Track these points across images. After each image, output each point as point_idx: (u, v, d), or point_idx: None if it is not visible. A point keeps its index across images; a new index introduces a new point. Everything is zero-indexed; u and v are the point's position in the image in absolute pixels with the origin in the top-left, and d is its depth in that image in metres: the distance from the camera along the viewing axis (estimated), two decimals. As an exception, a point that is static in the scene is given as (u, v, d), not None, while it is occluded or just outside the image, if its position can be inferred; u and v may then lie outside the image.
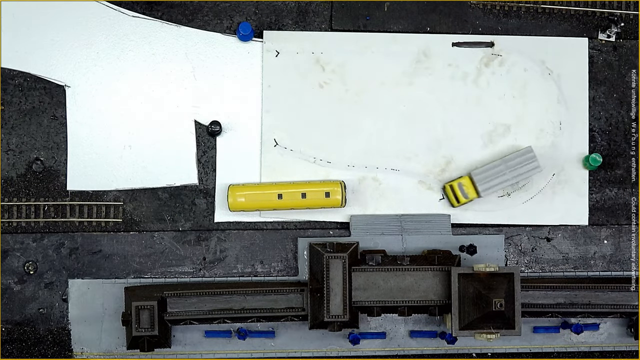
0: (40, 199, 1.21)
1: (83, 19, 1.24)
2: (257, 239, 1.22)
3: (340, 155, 1.23)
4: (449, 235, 1.23)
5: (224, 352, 1.21)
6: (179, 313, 1.16)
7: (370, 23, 1.26)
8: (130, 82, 1.23)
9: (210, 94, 1.23)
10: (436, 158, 1.25)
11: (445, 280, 1.14)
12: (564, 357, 1.25)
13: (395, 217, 1.23)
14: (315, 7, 1.26)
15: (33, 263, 1.20)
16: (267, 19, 1.25)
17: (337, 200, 1.19)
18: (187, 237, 1.21)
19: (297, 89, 1.25)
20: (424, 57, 1.26)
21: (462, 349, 1.25)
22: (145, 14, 1.24)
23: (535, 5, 1.29)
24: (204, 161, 1.22)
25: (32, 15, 1.23)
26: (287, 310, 1.17)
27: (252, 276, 1.21)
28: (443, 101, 1.29)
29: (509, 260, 1.24)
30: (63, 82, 1.23)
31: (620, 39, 1.32)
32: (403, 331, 1.23)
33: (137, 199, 1.21)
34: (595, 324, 1.24)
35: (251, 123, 1.23)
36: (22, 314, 1.21)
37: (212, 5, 1.25)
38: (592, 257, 1.29)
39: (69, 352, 1.20)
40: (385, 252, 1.21)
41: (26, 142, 1.22)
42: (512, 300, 1.11)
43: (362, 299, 1.15)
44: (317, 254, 1.16)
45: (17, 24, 1.24)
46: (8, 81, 1.22)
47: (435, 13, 1.27)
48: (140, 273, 1.20)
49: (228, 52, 1.24)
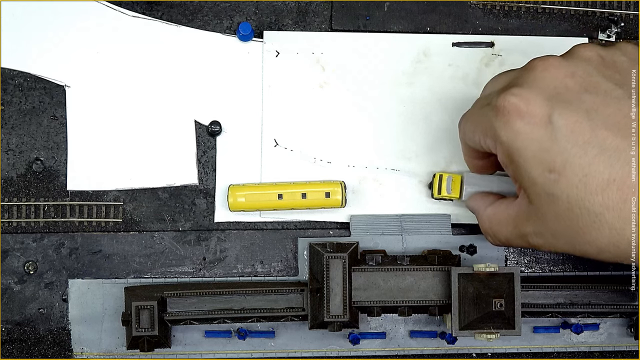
0: (40, 199, 1.21)
1: (83, 18, 1.24)
2: (257, 239, 1.22)
3: (340, 155, 1.24)
4: (449, 235, 1.23)
5: (224, 352, 1.21)
6: (179, 313, 1.16)
7: (370, 23, 1.26)
8: (130, 82, 1.23)
9: (210, 94, 1.23)
10: (436, 158, 1.25)
11: (445, 280, 1.14)
12: (564, 357, 1.25)
13: (395, 217, 1.23)
14: (315, 7, 1.26)
15: (33, 263, 1.20)
16: (267, 19, 1.26)
17: (337, 200, 1.19)
18: (187, 237, 1.21)
19: (297, 89, 1.25)
20: (424, 57, 1.26)
21: (462, 349, 1.25)
22: (145, 14, 1.25)
23: (535, 5, 1.29)
24: (204, 161, 1.22)
25: (32, 15, 1.24)
26: (287, 310, 1.17)
27: (252, 276, 1.22)
28: (443, 101, 1.29)
29: (509, 260, 1.24)
30: (63, 82, 1.23)
31: (620, 39, 1.33)
32: (403, 331, 1.24)
33: (137, 199, 1.21)
34: (595, 324, 1.24)
35: (251, 123, 1.23)
36: (22, 314, 1.21)
37: (212, 5, 1.25)
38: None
39: (69, 352, 1.20)
40: (385, 252, 1.21)
41: (26, 142, 1.22)
42: (512, 300, 1.11)
43: (362, 299, 1.15)
44: (317, 254, 1.17)
45: (17, 24, 1.24)
46: (8, 81, 1.23)
47: (435, 13, 1.27)
48: (140, 273, 1.20)
49: (228, 52, 1.25)
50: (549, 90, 0.79)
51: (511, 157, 0.81)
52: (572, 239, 0.80)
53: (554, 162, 0.77)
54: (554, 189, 0.78)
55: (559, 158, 0.77)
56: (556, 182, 0.78)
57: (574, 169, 0.76)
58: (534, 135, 0.78)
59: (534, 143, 0.78)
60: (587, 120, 0.77)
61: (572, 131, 0.77)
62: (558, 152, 0.77)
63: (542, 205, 0.80)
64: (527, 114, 0.78)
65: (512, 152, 0.81)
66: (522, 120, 0.79)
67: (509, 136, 0.80)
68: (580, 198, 0.77)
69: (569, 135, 0.77)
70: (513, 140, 0.80)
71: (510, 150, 0.81)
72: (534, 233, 0.85)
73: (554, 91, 0.79)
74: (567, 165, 0.77)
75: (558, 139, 0.77)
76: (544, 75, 0.80)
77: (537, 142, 0.78)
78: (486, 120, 0.83)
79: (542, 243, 0.85)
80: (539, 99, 0.79)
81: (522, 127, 0.79)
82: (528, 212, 0.84)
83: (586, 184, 0.76)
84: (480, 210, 0.96)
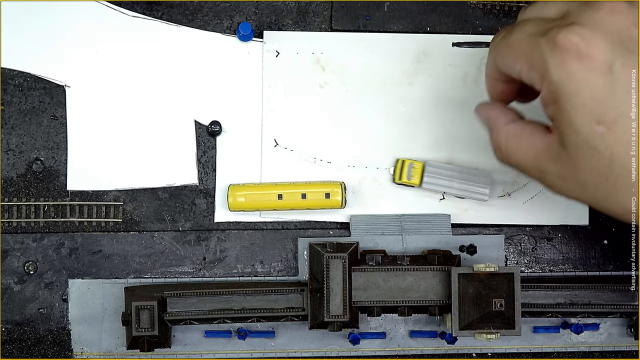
0: (40, 199, 1.21)
1: (83, 19, 1.24)
2: (257, 239, 1.22)
3: (340, 155, 1.24)
4: (449, 235, 1.23)
5: (224, 352, 1.21)
6: (179, 313, 1.16)
7: (370, 23, 1.26)
8: (130, 82, 1.23)
9: (210, 94, 1.23)
10: (436, 158, 1.25)
11: (445, 280, 1.14)
12: (564, 357, 1.25)
13: (395, 217, 1.23)
14: (315, 7, 1.26)
15: (33, 263, 1.20)
16: (267, 19, 1.26)
17: (337, 201, 1.19)
18: (187, 237, 1.21)
19: (297, 89, 1.25)
20: (424, 57, 1.25)
21: (462, 349, 1.25)
22: (145, 14, 1.25)
23: (535, 5, 1.29)
24: (204, 161, 1.22)
25: (32, 15, 1.24)
26: (287, 310, 1.17)
27: (252, 276, 1.22)
28: (443, 101, 1.29)
29: (509, 260, 1.24)
30: (63, 82, 1.23)
31: (620, 39, 1.33)
32: (403, 331, 1.23)
33: (137, 199, 1.21)
34: (595, 324, 1.24)
35: (251, 123, 1.23)
36: (22, 314, 1.21)
37: (212, 5, 1.25)
38: (592, 257, 1.30)
39: (69, 352, 1.20)
40: (385, 252, 1.21)
41: (26, 142, 1.22)
42: (512, 300, 1.11)
43: (362, 299, 1.15)
44: (317, 254, 1.17)
45: (17, 24, 1.24)
46: (8, 81, 1.22)
47: (435, 13, 1.27)
48: (140, 273, 1.20)
49: (228, 52, 1.24)
50: (613, 36, 0.73)
51: (557, 99, 0.75)
52: (602, 194, 0.75)
53: (605, 115, 0.71)
54: (598, 143, 0.72)
55: (611, 112, 0.72)
56: (603, 136, 0.72)
57: (625, 126, 0.71)
58: (590, 82, 0.72)
59: (587, 90, 0.72)
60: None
61: (631, 85, 0.71)
62: (612, 105, 0.72)
63: (578, 154, 0.75)
64: (587, 58, 0.72)
65: (560, 94, 0.74)
66: (581, 62, 0.72)
67: (562, 77, 0.74)
68: (624, 157, 0.71)
69: (627, 89, 0.71)
70: (566, 83, 0.73)
71: (559, 91, 0.74)
72: (557, 174, 0.79)
73: (618, 38, 0.73)
74: (619, 120, 0.71)
75: (615, 90, 0.71)
76: (611, 19, 0.73)
77: (591, 90, 0.72)
78: (537, 53, 0.76)
79: (561, 186, 0.80)
80: (602, 43, 0.72)
81: (580, 70, 0.73)
82: (558, 152, 0.77)
83: (635, 144, 0.71)
84: (498, 123, 0.87)
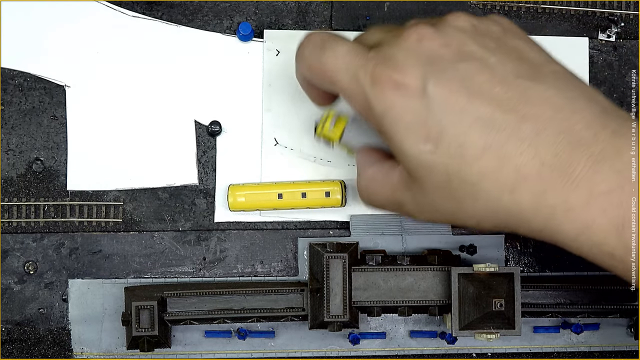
0: (40, 199, 1.21)
1: (83, 19, 1.24)
2: (257, 239, 1.22)
3: (341, 155, 1.24)
4: (449, 235, 1.23)
5: (224, 352, 1.21)
6: (179, 313, 1.16)
7: (370, 23, 1.26)
8: (130, 82, 1.23)
9: (210, 94, 1.23)
10: (436, 158, 1.25)
11: (445, 280, 1.14)
12: (564, 357, 1.25)
13: (395, 217, 1.23)
14: (315, 7, 1.26)
15: (33, 263, 1.20)
16: (267, 19, 1.25)
17: (337, 200, 1.19)
18: (187, 237, 1.21)
19: (297, 88, 1.25)
20: (424, 57, 1.26)
21: (462, 349, 1.25)
22: (145, 14, 1.24)
23: (535, 5, 1.29)
24: (204, 161, 1.22)
25: (32, 15, 1.24)
26: (287, 310, 1.17)
27: (252, 276, 1.21)
28: (443, 101, 1.29)
29: (509, 261, 1.24)
30: (63, 82, 1.23)
31: (620, 39, 1.32)
32: (403, 331, 1.23)
33: (137, 199, 1.21)
34: (595, 324, 1.24)
35: (251, 123, 1.23)
36: (22, 314, 1.21)
37: (212, 5, 1.25)
38: (592, 257, 1.31)
39: (69, 352, 1.20)
40: (385, 252, 1.21)
41: (26, 142, 1.22)
42: (512, 300, 1.10)
43: (362, 299, 1.15)
44: (317, 254, 1.16)
45: (17, 24, 1.24)
46: (8, 81, 1.22)
47: (435, 13, 1.27)
48: (140, 273, 1.20)
49: (228, 52, 1.24)
50: (423, 60, 0.77)
51: (384, 129, 0.79)
52: (452, 210, 0.79)
53: (429, 132, 0.75)
54: (431, 161, 0.76)
55: (434, 129, 0.75)
56: (432, 153, 0.76)
57: (449, 139, 0.75)
58: (409, 107, 0.76)
59: (408, 114, 0.76)
60: (462, 88, 0.75)
61: (446, 100, 0.75)
62: (433, 123, 0.75)
63: (420, 177, 0.79)
64: (402, 86, 0.76)
65: (385, 123, 0.78)
66: (397, 91, 0.76)
67: (384, 107, 0.78)
68: (457, 168, 0.75)
69: (443, 104, 0.75)
70: (388, 112, 0.78)
71: (383, 121, 0.79)
72: (412, 202, 0.83)
73: (428, 60, 0.77)
74: (442, 135, 0.75)
75: (433, 109, 0.75)
76: (419, 45, 0.78)
77: (411, 114, 0.76)
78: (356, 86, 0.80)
79: (419, 212, 0.84)
80: (414, 70, 0.76)
81: (398, 99, 0.77)
82: (407, 181, 0.82)
83: (462, 154, 0.74)
84: (362, 167, 0.93)
